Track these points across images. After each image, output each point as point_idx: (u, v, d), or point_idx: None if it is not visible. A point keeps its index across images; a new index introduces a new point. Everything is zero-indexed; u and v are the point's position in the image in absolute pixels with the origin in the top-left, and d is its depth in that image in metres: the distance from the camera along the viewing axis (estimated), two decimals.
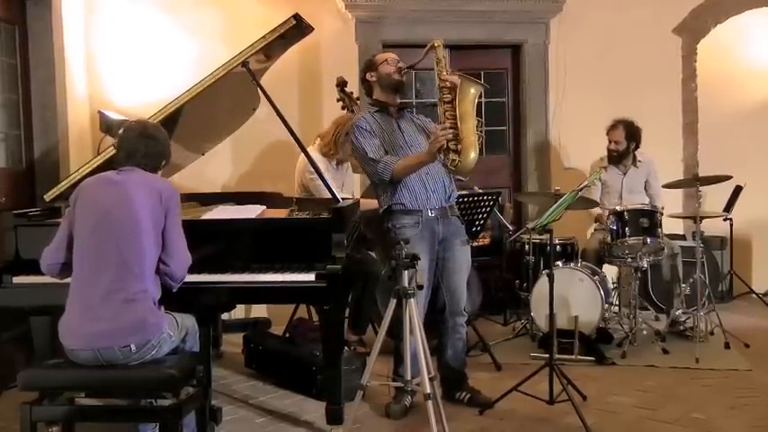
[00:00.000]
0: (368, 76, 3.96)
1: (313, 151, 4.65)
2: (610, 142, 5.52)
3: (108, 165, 3.59)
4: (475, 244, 4.10)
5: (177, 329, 3.02)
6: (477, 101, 3.68)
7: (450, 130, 3.56)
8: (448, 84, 3.64)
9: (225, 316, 5.44)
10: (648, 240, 4.89)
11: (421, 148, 3.83)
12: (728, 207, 5.98)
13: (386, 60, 3.91)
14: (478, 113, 3.78)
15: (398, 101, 3.98)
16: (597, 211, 5.40)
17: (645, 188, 5.61)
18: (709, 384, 4.27)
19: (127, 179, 2.98)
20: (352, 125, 3.91)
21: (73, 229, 2.94)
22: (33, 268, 3.44)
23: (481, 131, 3.67)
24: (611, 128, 5.51)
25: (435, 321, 3.99)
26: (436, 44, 3.73)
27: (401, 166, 3.74)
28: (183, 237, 3.00)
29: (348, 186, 5.02)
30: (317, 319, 4.16)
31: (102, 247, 2.87)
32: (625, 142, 5.47)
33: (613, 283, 5.51)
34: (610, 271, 5.53)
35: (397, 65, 3.89)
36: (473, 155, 3.60)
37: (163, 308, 2.98)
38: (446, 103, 3.64)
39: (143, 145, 3.04)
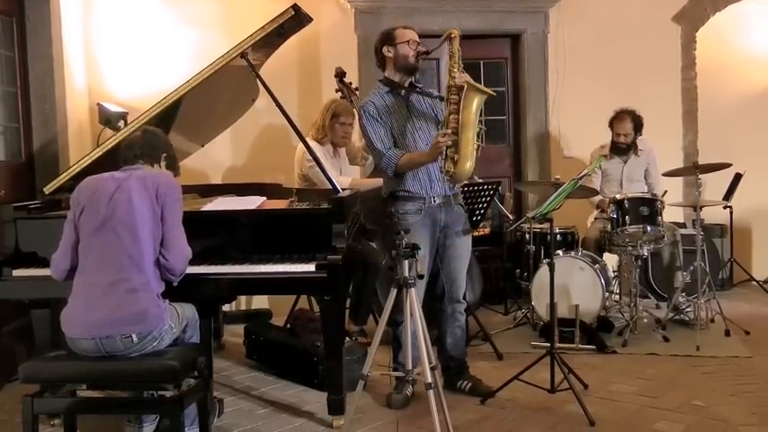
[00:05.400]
0: (384, 50, 3.81)
1: (309, 141, 4.65)
2: (618, 135, 5.48)
3: (107, 157, 3.60)
4: (475, 234, 4.09)
5: (178, 320, 3.05)
6: (480, 109, 3.54)
7: (450, 137, 3.50)
8: (457, 82, 3.53)
9: (226, 307, 5.46)
10: (649, 229, 4.88)
11: (430, 133, 3.80)
12: (728, 195, 5.97)
13: (407, 41, 3.76)
14: None
15: (409, 81, 3.87)
16: (599, 198, 5.39)
17: (644, 176, 5.61)
18: (709, 372, 4.27)
19: (127, 176, 3.04)
20: (360, 108, 3.83)
21: (78, 229, 2.98)
22: (33, 261, 3.47)
23: (481, 142, 3.55)
24: (619, 120, 5.47)
25: (434, 310, 3.99)
26: (453, 35, 3.61)
27: (404, 161, 3.73)
28: (182, 231, 3.03)
29: (346, 171, 5.01)
30: (318, 309, 4.16)
31: (105, 242, 2.91)
32: (633, 134, 5.46)
33: (614, 271, 5.51)
34: (610, 259, 5.53)
35: (417, 48, 3.77)
36: (468, 165, 3.52)
37: (167, 301, 3.00)
38: (452, 104, 3.54)
39: (141, 137, 3.17)
